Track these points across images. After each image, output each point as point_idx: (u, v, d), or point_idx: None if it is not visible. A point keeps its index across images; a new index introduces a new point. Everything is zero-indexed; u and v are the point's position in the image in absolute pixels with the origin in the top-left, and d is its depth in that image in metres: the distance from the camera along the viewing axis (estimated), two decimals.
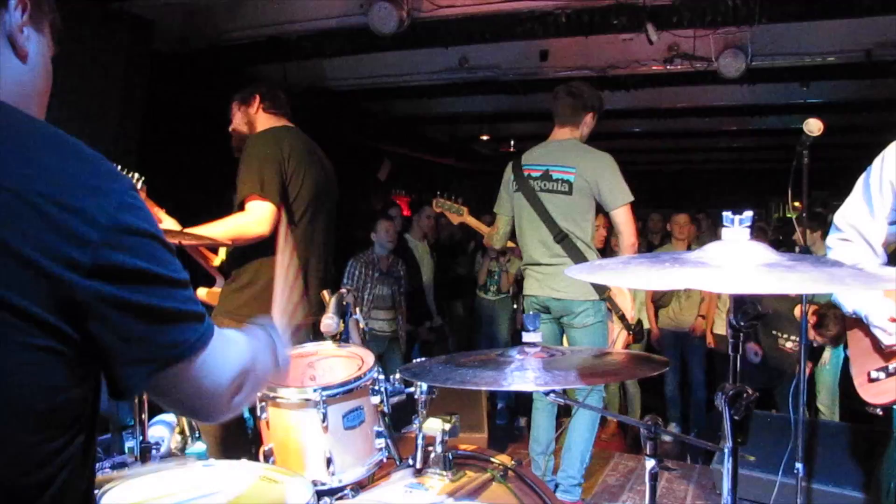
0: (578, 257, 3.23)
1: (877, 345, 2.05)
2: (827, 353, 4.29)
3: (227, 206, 2.79)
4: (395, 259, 5.05)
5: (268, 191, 2.62)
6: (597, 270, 1.30)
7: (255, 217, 2.60)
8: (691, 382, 5.21)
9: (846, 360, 4.33)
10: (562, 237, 3.23)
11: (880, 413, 2.06)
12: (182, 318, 0.85)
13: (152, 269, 0.82)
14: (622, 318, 3.55)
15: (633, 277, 1.23)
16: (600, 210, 3.37)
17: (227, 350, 0.94)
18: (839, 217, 2.17)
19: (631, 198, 3.21)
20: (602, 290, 3.26)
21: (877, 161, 2.05)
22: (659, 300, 5.18)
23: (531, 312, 1.72)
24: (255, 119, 2.92)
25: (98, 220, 0.77)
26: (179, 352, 0.85)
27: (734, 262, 1.13)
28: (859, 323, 2.11)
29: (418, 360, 1.74)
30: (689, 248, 4.78)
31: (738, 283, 1.10)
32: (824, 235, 4.52)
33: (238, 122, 2.95)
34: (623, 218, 3.21)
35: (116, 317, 0.79)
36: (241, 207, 2.63)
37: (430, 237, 5.97)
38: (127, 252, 0.79)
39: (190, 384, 0.89)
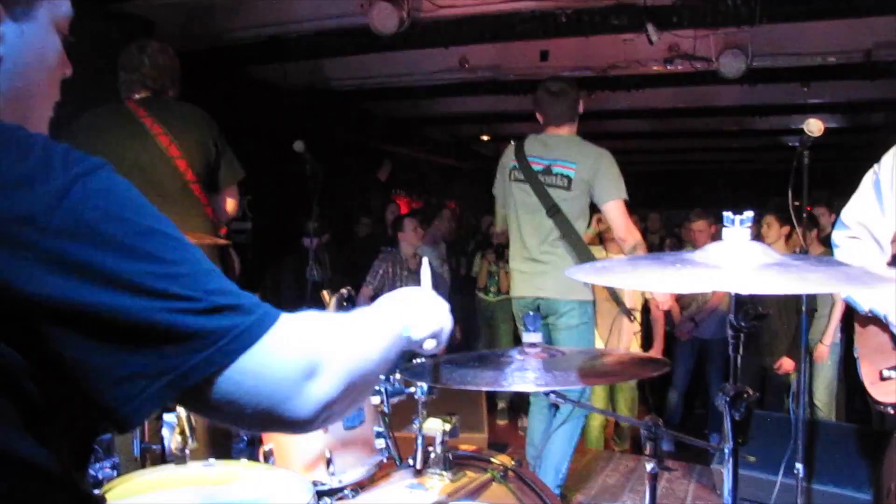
0: (571, 253, 3.16)
1: (892, 343, 2.04)
2: (825, 350, 4.28)
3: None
4: (421, 258, 5.04)
5: None
6: (601, 272, 1.29)
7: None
8: (709, 388, 5.14)
9: (845, 358, 4.35)
10: (561, 227, 3.17)
11: (892, 412, 2.05)
12: (199, 314, 0.68)
13: (131, 266, 0.65)
14: (618, 301, 3.49)
15: (638, 279, 1.23)
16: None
17: (287, 335, 0.73)
18: (846, 214, 2.16)
19: (624, 195, 3.15)
20: (590, 289, 3.18)
21: (887, 158, 2.04)
22: (680, 299, 4.93)
23: (531, 313, 1.71)
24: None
25: (38, 213, 0.63)
26: (200, 360, 0.67)
27: (739, 262, 1.13)
28: (871, 321, 2.10)
29: (418, 360, 1.74)
30: None
31: (739, 283, 1.09)
32: (819, 235, 4.52)
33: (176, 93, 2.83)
34: (614, 212, 3.14)
35: (80, 327, 0.64)
36: (221, 191, 2.75)
37: (447, 239, 5.90)
38: (88, 247, 0.64)
39: (230, 392, 0.70)
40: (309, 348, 0.75)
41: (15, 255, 0.62)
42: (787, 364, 4.43)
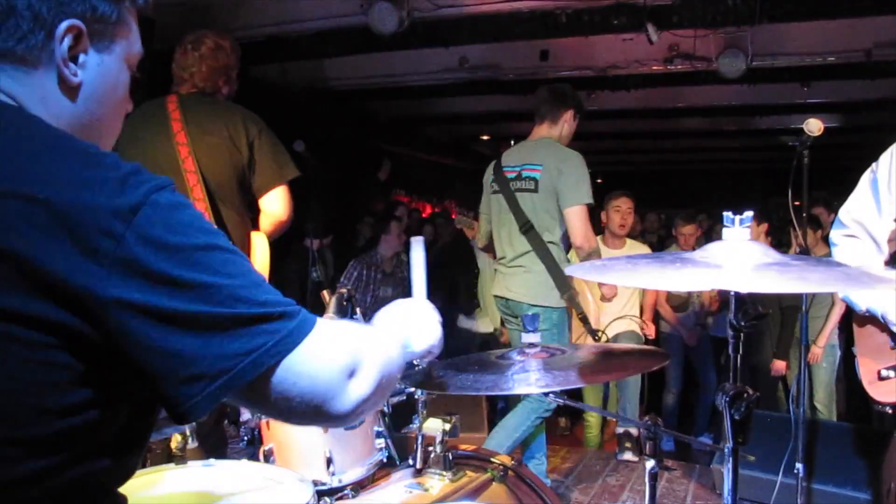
0: (544, 256, 3.14)
1: (890, 343, 2.04)
2: (819, 352, 4.29)
3: None
4: (399, 260, 5.04)
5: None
6: (601, 270, 1.29)
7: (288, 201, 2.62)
8: (701, 386, 5.16)
9: (845, 357, 4.36)
10: (529, 235, 3.17)
11: (890, 411, 2.05)
12: (250, 322, 0.75)
13: (194, 276, 0.73)
14: (584, 320, 3.47)
15: (639, 278, 1.23)
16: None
17: (329, 338, 0.83)
18: (844, 213, 2.17)
19: (587, 200, 3.10)
20: (560, 296, 3.15)
21: (885, 157, 2.04)
22: (678, 306, 4.97)
23: (529, 314, 1.71)
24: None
25: (115, 225, 0.70)
26: (249, 362, 0.74)
27: (737, 262, 1.13)
28: (870, 321, 2.10)
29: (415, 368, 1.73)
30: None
31: (739, 283, 1.10)
32: (822, 235, 4.53)
33: (232, 90, 2.75)
34: (574, 218, 3.09)
35: (149, 329, 0.71)
36: (264, 193, 2.57)
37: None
38: (157, 258, 0.71)
39: (283, 389, 0.78)
40: (350, 350, 0.84)
41: (93, 262, 0.69)
42: (777, 365, 4.47)
